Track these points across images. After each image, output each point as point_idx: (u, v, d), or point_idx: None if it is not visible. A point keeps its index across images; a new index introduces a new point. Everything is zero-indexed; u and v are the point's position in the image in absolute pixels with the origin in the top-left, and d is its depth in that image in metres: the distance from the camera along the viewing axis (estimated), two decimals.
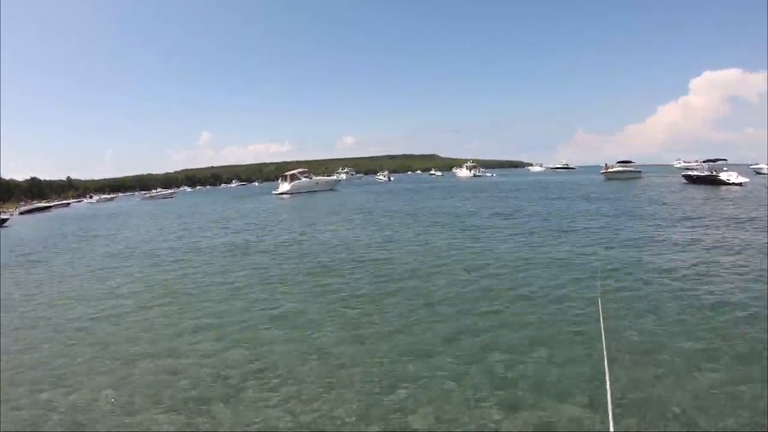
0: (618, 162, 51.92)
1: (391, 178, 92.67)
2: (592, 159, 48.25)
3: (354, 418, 4.06)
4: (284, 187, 51.79)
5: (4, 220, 39.36)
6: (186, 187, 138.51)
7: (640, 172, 50.57)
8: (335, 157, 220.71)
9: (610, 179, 49.17)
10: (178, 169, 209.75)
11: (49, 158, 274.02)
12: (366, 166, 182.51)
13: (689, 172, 41.25)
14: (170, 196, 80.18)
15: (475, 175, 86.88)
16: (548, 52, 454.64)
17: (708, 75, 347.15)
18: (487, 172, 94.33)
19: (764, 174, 49.03)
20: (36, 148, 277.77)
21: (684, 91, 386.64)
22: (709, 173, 37.08)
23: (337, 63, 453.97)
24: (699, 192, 29.12)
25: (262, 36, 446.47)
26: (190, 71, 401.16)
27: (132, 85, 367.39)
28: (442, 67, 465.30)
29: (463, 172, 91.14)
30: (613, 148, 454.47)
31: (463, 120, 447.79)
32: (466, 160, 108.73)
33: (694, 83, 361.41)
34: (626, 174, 49.38)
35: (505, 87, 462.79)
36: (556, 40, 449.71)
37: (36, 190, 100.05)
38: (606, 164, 54.33)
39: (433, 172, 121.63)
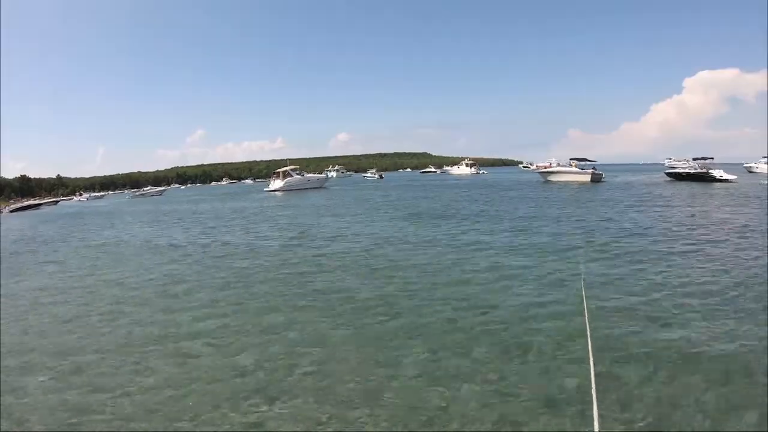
0: (572, 159, 42.58)
1: (383, 176, 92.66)
2: (586, 157, 48.03)
3: None
4: (277, 184, 52.43)
5: None
6: (177, 185, 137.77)
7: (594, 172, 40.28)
8: (329, 155, 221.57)
9: (548, 182, 41.70)
10: (169, 167, 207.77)
11: (39, 157, 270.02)
12: (356, 165, 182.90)
13: (674, 170, 41.13)
14: (159, 194, 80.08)
15: (478, 172, 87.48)
16: (540, 51, 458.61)
17: (703, 74, 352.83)
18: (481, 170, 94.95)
19: (755, 172, 49.95)
20: (26, 147, 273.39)
21: (679, 90, 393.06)
22: (698, 170, 37.06)
23: (335, 61, 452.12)
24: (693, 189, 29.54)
25: (255, 35, 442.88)
26: (183, 70, 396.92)
27: (124, 85, 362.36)
28: (432, 65, 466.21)
29: (462, 170, 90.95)
30: (606, 147, 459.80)
31: (452, 118, 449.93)
32: (458, 159, 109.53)
33: (689, 82, 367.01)
34: (568, 175, 40.41)
35: (497, 85, 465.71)
36: (548, 38, 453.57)
37: (26, 188, 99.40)
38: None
39: (432, 169, 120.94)
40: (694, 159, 41.66)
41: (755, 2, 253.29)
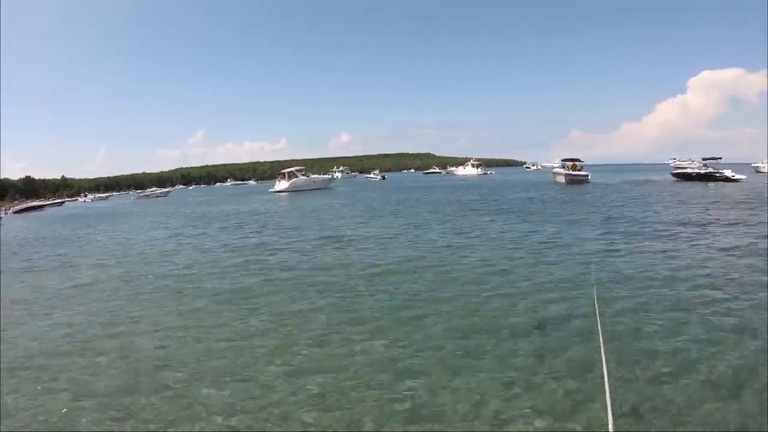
0: (564, 160, 44.81)
1: (385, 177, 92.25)
2: (587, 158, 47.90)
3: None
4: (282, 185, 52.45)
5: None
6: (181, 186, 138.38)
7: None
8: (330, 156, 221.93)
9: (557, 182, 42.81)
10: (172, 167, 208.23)
11: (39, 157, 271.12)
12: (359, 165, 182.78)
13: (682, 170, 40.58)
14: (164, 195, 79.89)
15: (485, 173, 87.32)
16: (540, 51, 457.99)
17: (704, 74, 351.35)
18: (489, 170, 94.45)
19: (763, 172, 49.68)
20: (26, 148, 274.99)
21: (683, 90, 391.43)
22: (709, 171, 37.08)
23: (335, 61, 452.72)
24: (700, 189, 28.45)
25: (255, 35, 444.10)
26: (183, 70, 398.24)
27: (124, 85, 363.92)
28: (432, 65, 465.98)
29: (468, 171, 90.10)
30: (606, 147, 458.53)
31: (452, 118, 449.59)
32: (460, 159, 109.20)
33: (692, 82, 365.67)
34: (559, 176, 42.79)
35: (497, 85, 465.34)
36: (548, 38, 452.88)
37: (30, 189, 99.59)
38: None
39: (436, 169, 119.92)
40: (704, 159, 41.52)
41: (756, 2, 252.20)
